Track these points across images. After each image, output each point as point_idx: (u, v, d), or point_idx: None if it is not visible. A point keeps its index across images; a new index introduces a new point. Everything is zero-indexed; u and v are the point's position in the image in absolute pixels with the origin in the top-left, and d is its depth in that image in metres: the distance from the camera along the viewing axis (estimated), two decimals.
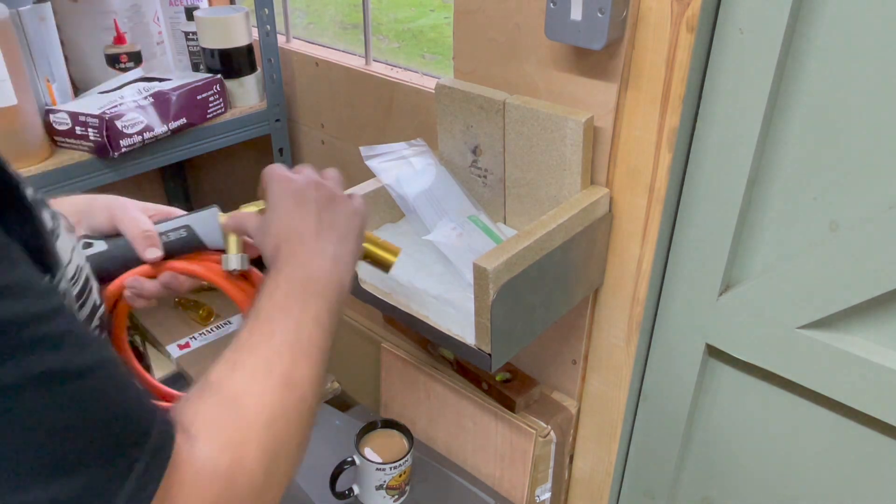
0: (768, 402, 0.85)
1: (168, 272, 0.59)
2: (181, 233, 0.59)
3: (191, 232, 0.60)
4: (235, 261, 0.59)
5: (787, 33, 0.67)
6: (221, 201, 0.59)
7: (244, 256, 0.59)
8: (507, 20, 0.82)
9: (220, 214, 0.60)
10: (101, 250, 0.59)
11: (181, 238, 0.59)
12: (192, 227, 0.59)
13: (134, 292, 0.59)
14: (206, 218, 0.60)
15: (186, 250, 0.60)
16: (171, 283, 0.59)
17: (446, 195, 0.90)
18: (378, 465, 0.95)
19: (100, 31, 1.16)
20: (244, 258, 0.59)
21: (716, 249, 0.80)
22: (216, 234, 0.60)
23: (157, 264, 0.59)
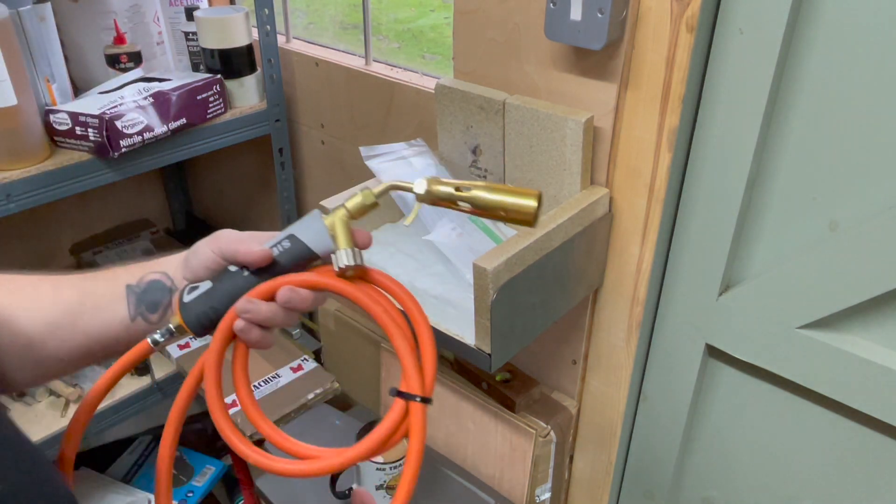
0: (768, 402, 0.85)
1: (285, 287, 0.52)
2: (285, 244, 0.54)
3: (295, 241, 0.54)
4: (344, 256, 0.52)
5: (787, 33, 0.67)
6: (221, 201, 0.58)
7: (355, 250, 0.53)
8: (506, 20, 0.83)
9: (322, 216, 0.54)
10: (206, 289, 0.55)
11: (287, 250, 0.54)
12: (295, 235, 0.54)
13: (248, 318, 0.52)
14: (309, 222, 0.54)
15: (298, 262, 0.54)
16: (291, 300, 0.52)
17: None
18: (378, 465, 0.95)
19: (100, 31, 1.16)
20: (355, 252, 0.53)
21: (716, 249, 0.80)
22: (324, 237, 0.54)
23: (269, 284, 0.53)
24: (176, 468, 1.38)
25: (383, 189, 0.54)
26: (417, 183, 0.52)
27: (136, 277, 0.58)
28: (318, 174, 1.31)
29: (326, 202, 0.83)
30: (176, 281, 0.58)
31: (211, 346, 0.54)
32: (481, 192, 0.52)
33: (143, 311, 0.57)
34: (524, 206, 0.52)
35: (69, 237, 1.57)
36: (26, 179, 0.97)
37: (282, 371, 1.25)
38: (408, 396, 0.52)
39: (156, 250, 1.56)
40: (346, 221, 0.53)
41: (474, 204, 0.52)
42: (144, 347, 0.55)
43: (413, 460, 0.53)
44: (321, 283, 0.53)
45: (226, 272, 0.55)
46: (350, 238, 0.53)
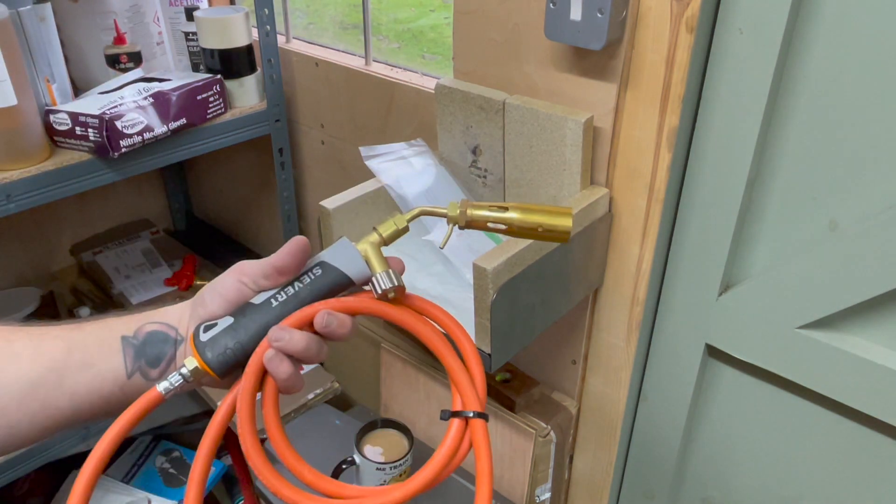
0: (768, 402, 0.86)
1: (323, 312, 0.49)
2: (316, 272, 0.51)
3: (328, 267, 0.52)
4: (385, 278, 0.50)
5: (787, 33, 0.67)
6: (221, 201, 0.57)
7: (393, 272, 0.51)
8: (506, 20, 0.83)
9: (352, 243, 0.53)
10: (227, 324, 0.50)
11: (318, 277, 0.51)
12: (327, 261, 0.52)
13: (280, 347, 0.48)
14: (340, 249, 0.52)
15: (331, 290, 0.52)
16: (330, 325, 0.49)
17: (446, 195, 0.90)
18: (378, 465, 0.95)
19: (100, 32, 1.16)
20: (395, 274, 0.51)
21: (716, 249, 0.80)
22: (358, 262, 0.52)
23: (305, 311, 0.50)
24: (175, 468, 1.38)
25: (415, 214, 0.53)
26: (450, 207, 0.52)
27: (133, 328, 0.52)
28: (318, 174, 1.31)
29: (326, 202, 0.83)
30: (181, 331, 0.52)
31: (242, 384, 0.49)
32: (516, 213, 0.52)
33: (141, 365, 0.51)
34: (560, 226, 0.52)
35: (69, 237, 1.57)
36: (26, 179, 0.97)
37: None
38: (466, 415, 0.51)
39: (156, 250, 1.56)
40: (378, 247, 0.52)
41: (509, 225, 0.52)
42: (154, 397, 0.49)
43: (486, 480, 0.50)
44: (363, 306, 0.51)
45: (248, 305, 0.51)
46: (385, 261, 0.52)
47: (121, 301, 1.41)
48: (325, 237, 0.84)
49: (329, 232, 0.84)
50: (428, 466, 0.50)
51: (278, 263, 0.50)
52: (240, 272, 0.51)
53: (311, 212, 1.38)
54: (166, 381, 0.49)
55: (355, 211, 0.86)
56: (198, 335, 0.50)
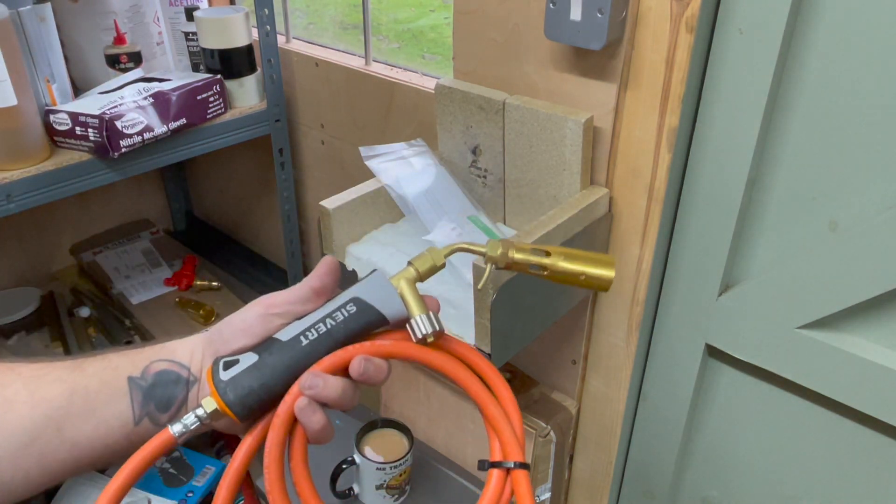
0: (768, 402, 0.85)
1: (359, 357, 0.45)
2: (350, 308, 0.47)
3: (362, 304, 0.47)
4: (425, 323, 0.47)
5: (787, 33, 0.67)
6: (221, 201, 0.56)
7: (434, 315, 0.48)
8: (506, 20, 0.83)
9: (387, 277, 0.49)
10: (251, 363, 0.45)
11: (353, 315, 0.47)
12: (361, 297, 0.47)
13: (314, 395, 0.44)
14: (374, 284, 0.48)
15: (363, 330, 0.47)
16: (367, 372, 0.45)
17: (446, 195, 0.90)
18: (378, 465, 0.95)
19: (100, 32, 1.16)
20: (434, 317, 0.48)
21: (716, 249, 0.80)
22: (393, 300, 0.47)
23: (340, 355, 0.46)
24: (175, 468, 1.38)
25: (452, 250, 0.50)
26: (490, 246, 0.49)
27: (140, 367, 0.47)
28: (318, 174, 1.31)
29: (326, 202, 0.83)
30: (193, 370, 0.47)
31: (270, 436, 0.45)
32: (559, 260, 0.50)
33: (150, 410, 0.46)
34: (603, 276, 0.50)
35: (69, 237, 1.57)
36: (26, 179, 0.97)
37: None
38: (509, 466, 0.49)
39: (156, 250, 1.56)
40: (414, 284, 0.49)
41: (550, 271, 0.50)
42: (166, 441, 0.44)
43: None
44: (401, 351, 0.48)
45: (274, 342, 0.46)
46: (422, 301, 0.48)
47: (121, 301, 1.41)
48: (325, 237, 0.84)
49: (329, 232, 0.84)
50: None
51: (316, 284, 0.47)
52: (267, 304, 0.47)
53: (311, 212, 1.38)
54: (180, 423, 0.44)
55: (355, 211, 0.86)
56: (217, 373, 0.45)
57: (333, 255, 0.85)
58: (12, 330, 1.33)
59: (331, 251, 0.85)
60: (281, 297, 0.47)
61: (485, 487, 0.49)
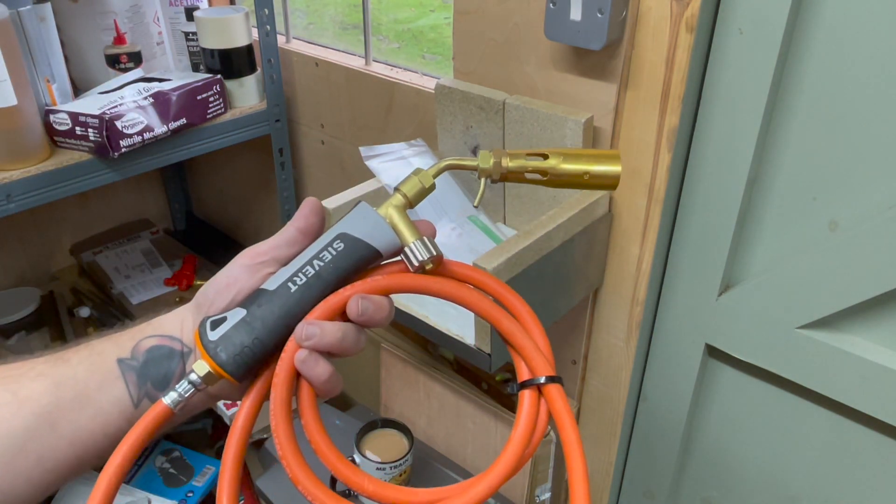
0: (768, 402, 0.85)
1: (356, 297, 0.42)
2: (337, 245, 0.44)
3: (350, 239, 0.44)
4: (420, 250, 0.44)
5: (787, 33, 0.67)
6: (221, 201, 0.56)
7: (428, 239, 0.44)
8: (506, 20, 0.82)
9: (372, 208, 0.46)
10: (240, 317, 0.42)
11: (341, 252, 0.43)
12: (348, 233, 0.44)
13: (313, 345, 0.41)
14: (360, 216, 0.45)
15: (356, 267, 0.44)
16: (367, 311, 0.42)
17: (446, 195, 0.90)
18: (378, 465, 0.95)
19: (100, 32, 1.16)
20: (429, 241, 0.44)
21: (716, 249, 0.80)
22: (383, 230, 0.44)
23: (335, 298, 0.43)
24: (176, 468, 1.38)
25: (441, 168, 0.46)
26: (482, 157, 0.45)
27: (128, 348, 0.45)
28: (318, 174, 1.31)
29: (326, 202, 0.83)
30: (186, 341, 0.45)
31: (274, 395, 0.42)
32: (558, 160, 0.45)
33: (149, 390, 0.44)
34: (609, 172, 0.46)
35: (69, 237, 1.57)
36: (26, 179, 0.97)
37: None
38: (539, 382, 0.45)
39: (156, 250, 1.56)
40: (404, 210, 0.45)
41: (550, 174, 0.45)
42: (163, 413, 0.41)
43: (577, 452, 0.43)
44: (400, 284, 0.44)
45: (261, 293, 0.43)
46: (414, 227, 0.45)
47: (121, 301, 1.41)
48: None
49: None
50: (508, 450, 0.43)
51: (301, 225, 0.44)
52: (252, 255, 0.44)
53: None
54: (174, 391, 0.41)
55: None
56: (205, 333, 0.42)
57: None
58: (12, 330, 1.33)
59: None
60: (266, 244, 0.45)
61: (517, 412, 0.44)
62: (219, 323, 0.42)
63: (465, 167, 0.46)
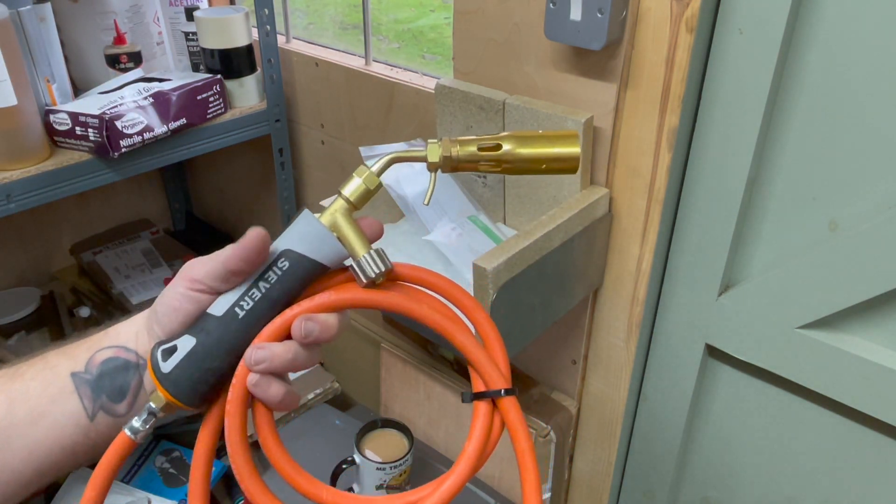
0: (768, 402, 0.85)
1: (299, 319, 0.41)
2: (282, 265, 0.42)
3: (295, 257, 0.42)
4: (371, 264, 0.42)
5: (787, 33, 0.67)
6: (221, 201, 0.56)
7: (376, 252, 0.42)
8: (506, 20, 0.82)
9: (315, 216, 0.44)
10: (190, 347, 0.42)
11: (287, 271, 0.42)
12: (293, 249, 0.43)
13: (265, 369, 0.41)
14: (303, 228, 0.43)
15: (305, 281, 0.43)
16: (313, 332, 0.41)
17: (446, 195, 0.90)
18: (378, 465, 0.95)
19: (100, 32, 1.16)
20: (379, 255, 0.42)
21: (716, 249, 0.80)
22: (329, 242, 0.43)
23: (280, 320, 0.42)
24: (175, 468, 1.38)
25: (385, 164, 0.43)
26: (430, 148, 0.42)
27: (82, 361, 0.44)
28: (318, 174, 1.31)
29: (326, 202, 0.83)
30: (141, 352, 0.44)
31: (228, 422, 0.42)
32: (511, 145, 0.42)
33: (104, 403, 0.43)
34: (567, 154, 0.43)
35: (69, 237, 1.57)
36: (26, 179, 0.97)
37: None
38: (492, 394, 0.44)
39: (156, 250, 1.56)
40: (349, 215, 0.43)
41: (505, 162, 0.43)
42: (125, 444, 0.42)
43: (528, 460, 0.44)
44: (346, 300, 0.43)
45: (208, 318, 0.42)
46: (363, 235, 0.43)
47: (121, 301, 1.41)
48: None
49: None
50: (461, 462, 0.43)
51: (232, 266, 0.42)
52: (189, 278, 0.43)
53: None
54: (135, 421, 0.42)
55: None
56: (157, 364, 0.42)
57: None
58: (12, 330, 1.33)
59: None
60: (202, 270, 0.43)
61: (472, 422, 0.44)
62: (170, 353, 0.42)
63: (413, 159, 0.43)
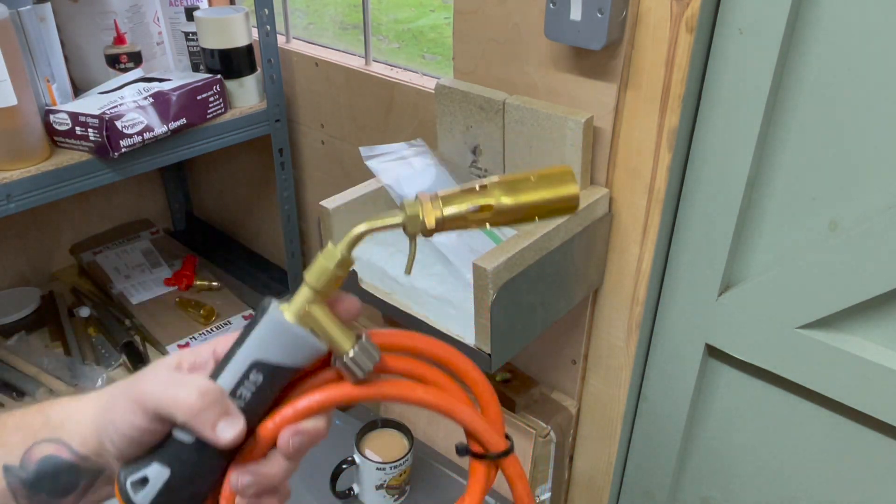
0: (768, 402, 0.85)
1: (284, 433, 0.37)
2: (256, 378, 0.37)
3: (267, 367, 0.37)
4: (362, 360, 0.38)
5: (787, 33, 0.67)
6: (221, 201, 0.54)
7: (362, 344, 0.38)
8: (506, 20, 0.82)
9: (282, 311, 0.37)
10: (165, 479, 0.37)
11: (261, 385, 0.37)
12: (264, 361, 0.37)
13: (255, 493, 0.38)
14: (272, 330, 0.37)
15: (282, 388, 0.39)
16: (302, 444, 0.37)
17: None
18: (378, 465, 0.95)
19: (100, 32, 1.16)
20: (365, 346, 0.38)
21: (716, 249, 0.80)
22: (306, 342, 0.38)
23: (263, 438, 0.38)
24: None
25: (352, 239, 0.37)
26: (409, 214, 0.36)
27: (17, 453, 0.39)
28: (318, 174, 1.31)
29: (326, 202, 0.83)
30: (85, 452, 0.39)
31: None
32: (501, 194, 0.37)
33: (43, 499, 0.39)
34: (564, 195, 0.37)
35: (69, 237, 1.57)
36: (26, 179, 0.97)
37: None
38: (493, 456, 0.43)
39: (156, 250, 1.56)
40: (321, 304, 0.38)
41: (496, 212, 0.37)
42: None
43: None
44: (338, 400, 0.39)
45: (176, 444, 0.37)
46: (342, 326, 0.38)
47: (121, 301, 1.41)
48: (325, 237, 0.84)
49: (329, 232, 0.83)
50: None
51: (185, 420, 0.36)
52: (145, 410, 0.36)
53: (311, 212, 1.38)
54: None
55: (355, 211, 0.86)
56: (129, 498, 0.37)
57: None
58: (12, 330, 1.33)
59: None
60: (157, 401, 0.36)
61: (469, 479, 0.43)
62: (141, 485, 0.37)
63: (386, 227, 0.37)
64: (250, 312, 1.40)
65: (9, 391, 1.21)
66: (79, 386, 1.21)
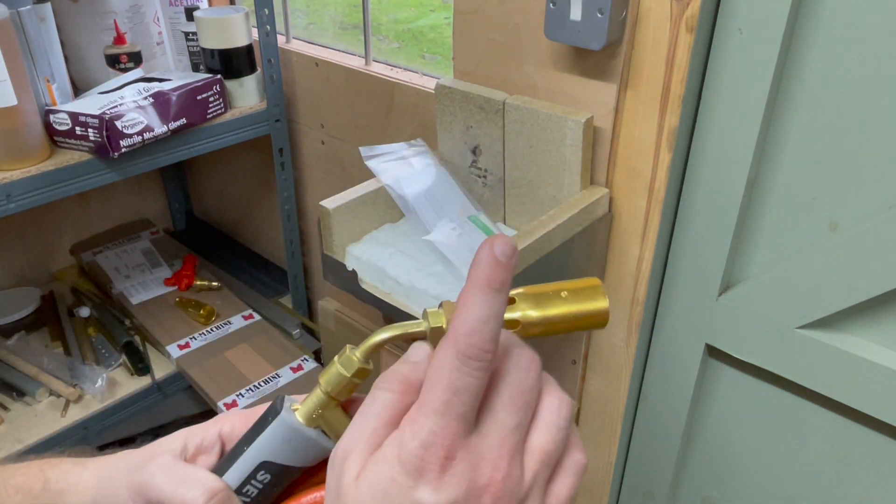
0: (768, 402, 0.85)
1: None
2: (263, 478, 0.37)
3: (275, 468, 0.37)
4: None
5: (787, 33, 0.67)
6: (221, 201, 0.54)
7: None
8: (506, 20, 0.82)
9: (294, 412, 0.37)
10: None
11: (269, 483, 0.37)
12: (271, 461, 0.37)
13: None
14: (280, 431, 0.37)
15: (289, 485, 0.39)
16: None
17: (446, 195, 0.90)
18: None
19: (100, 32, 1.16)
20: None
21: (716, 249, 0.80)
22: (314, 446, 0.37)
23: None
24: None
25: (370, 347, 0.35)
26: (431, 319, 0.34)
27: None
28: (318, 174, 1.31)
29: (326, 202, 0.83)
30: None
31: None
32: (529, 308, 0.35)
33: None
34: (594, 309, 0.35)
35: (69, 237, 1.57)
36: (26, 179, 0.97)
37: (282, 371, 1.25)
38: None
39: (156, 250, 1.56)
40: (337, 408, 0.37)
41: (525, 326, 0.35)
42: None
43: None
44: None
45: None
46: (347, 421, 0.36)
47: (121, 301, 1.41)
48: (325, 237, 0.84)
49: (329, 232, 0.84)
50: None
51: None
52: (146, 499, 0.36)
53: (311, 212, 1.38)
54: None
55: (355, 211, 0.86)
56: None
57: (334, 254, 0.85)
58: (12, 330, 1.33)
59: (331, 251, 0.85)
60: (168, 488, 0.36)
61: None
62: None
63: (409, 336, 0.35)
64: (250, 313, 1.40)
65: (9, 391, 1.21)
66: (78, 385, 1.21)
